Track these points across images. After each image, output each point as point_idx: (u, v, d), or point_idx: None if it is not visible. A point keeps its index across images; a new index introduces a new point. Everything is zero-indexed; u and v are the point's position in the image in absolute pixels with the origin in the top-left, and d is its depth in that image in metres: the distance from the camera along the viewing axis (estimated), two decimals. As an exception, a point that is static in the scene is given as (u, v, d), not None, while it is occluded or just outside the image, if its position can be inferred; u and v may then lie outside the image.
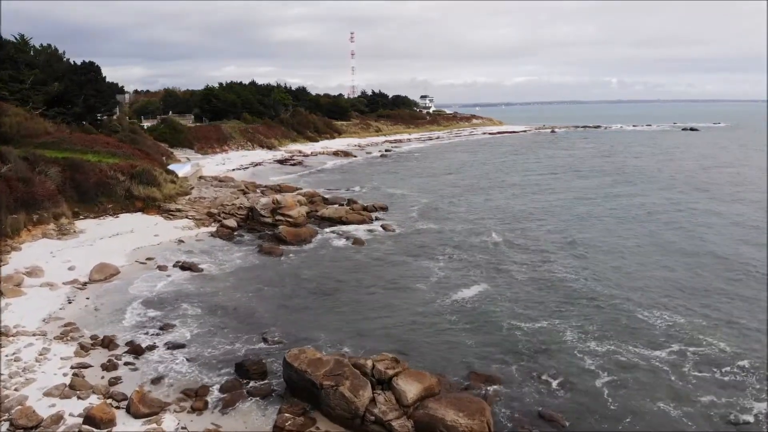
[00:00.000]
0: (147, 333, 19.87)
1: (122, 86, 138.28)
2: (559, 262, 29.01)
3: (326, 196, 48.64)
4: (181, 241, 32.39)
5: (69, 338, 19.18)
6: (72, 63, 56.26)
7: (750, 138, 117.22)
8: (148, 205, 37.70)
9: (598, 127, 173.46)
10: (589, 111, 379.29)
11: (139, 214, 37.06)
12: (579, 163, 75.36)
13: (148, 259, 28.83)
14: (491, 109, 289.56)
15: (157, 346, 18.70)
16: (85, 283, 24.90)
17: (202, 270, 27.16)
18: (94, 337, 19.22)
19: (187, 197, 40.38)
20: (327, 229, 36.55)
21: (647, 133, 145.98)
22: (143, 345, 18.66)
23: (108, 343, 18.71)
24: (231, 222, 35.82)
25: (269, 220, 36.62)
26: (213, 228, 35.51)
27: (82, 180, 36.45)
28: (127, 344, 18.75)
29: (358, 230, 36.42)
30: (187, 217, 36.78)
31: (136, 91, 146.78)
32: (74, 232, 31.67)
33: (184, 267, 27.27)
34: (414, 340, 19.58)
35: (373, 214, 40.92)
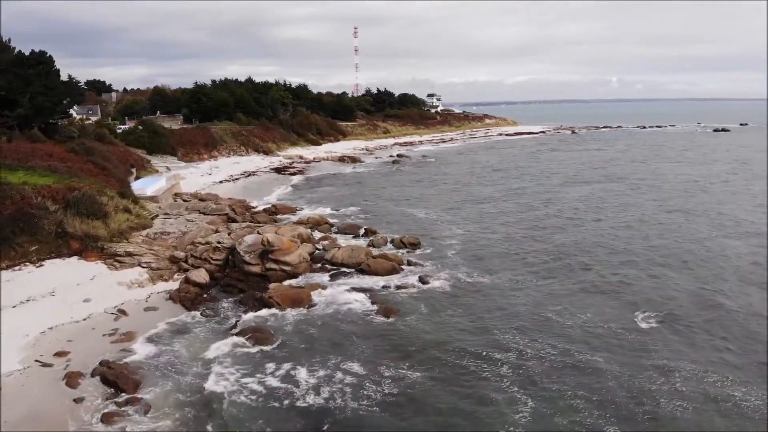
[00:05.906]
0: None
1: (110, 84, 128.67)
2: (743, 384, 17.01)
3: (334, 221, 37.99)
4: (122, 313, 21.50)
5: None
6: (19, 53, 45.24)
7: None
8: (88, 247, 26.75)
9: (620, 126, 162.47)
10: (593, 110, 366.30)
11: (74, 258, 26.12)
12: (656, 171, 64.00)
13: (59, 354, 17.99)
14: (492, 108, 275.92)
15: None
16: None
17: (137, 388, 16.15)
18: None
19: (145, 232, 29.41)
20: (339, 282, 25.61)
21: (681, 134, 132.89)
22: None
23: None
24: (201, 274, 24.87)
25: (257, 269, 25.75)
26: (175, 283, 24.66)
27: (-9, 212, 25.58)
28: None
29: (385, 284, 25.48)
30: (140, 265, 25.83)
31: (125, 90, 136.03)
32: (-43, 300, 20.78)
33: (107, 379, 16.32)
34: None
35: (402, 253, 29.96)
